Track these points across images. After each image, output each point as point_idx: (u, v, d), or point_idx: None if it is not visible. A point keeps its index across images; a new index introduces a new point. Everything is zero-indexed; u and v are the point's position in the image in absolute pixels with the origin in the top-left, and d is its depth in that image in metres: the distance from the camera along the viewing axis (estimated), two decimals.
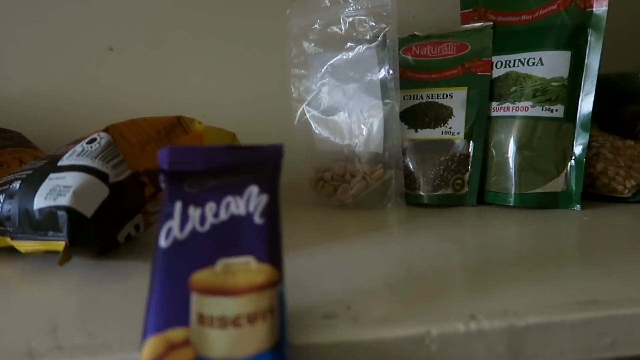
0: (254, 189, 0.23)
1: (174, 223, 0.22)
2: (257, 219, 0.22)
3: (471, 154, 0.51)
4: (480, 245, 0.36)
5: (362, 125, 0.51)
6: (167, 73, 0.62)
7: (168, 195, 0.23)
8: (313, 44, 0.53)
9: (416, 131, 0.52)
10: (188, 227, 0.22)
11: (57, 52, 0.60)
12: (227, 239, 0.22)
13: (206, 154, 0.23)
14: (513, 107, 0.50)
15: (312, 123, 0.54)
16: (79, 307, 0.27)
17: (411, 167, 0.51)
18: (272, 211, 0.23)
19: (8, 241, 0.35)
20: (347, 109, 0.52)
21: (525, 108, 0.49)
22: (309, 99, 0.54)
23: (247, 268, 0.21)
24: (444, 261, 0.32)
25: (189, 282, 0.21)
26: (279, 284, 0.21)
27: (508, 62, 0.51)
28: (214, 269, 0.21)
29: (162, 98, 0.62)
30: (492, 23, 0.52)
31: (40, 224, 0.32)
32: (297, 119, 0.55)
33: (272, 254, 0.22)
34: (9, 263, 0.35)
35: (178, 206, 0.22)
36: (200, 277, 0.21)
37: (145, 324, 0.20)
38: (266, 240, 0.22)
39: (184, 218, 0.22)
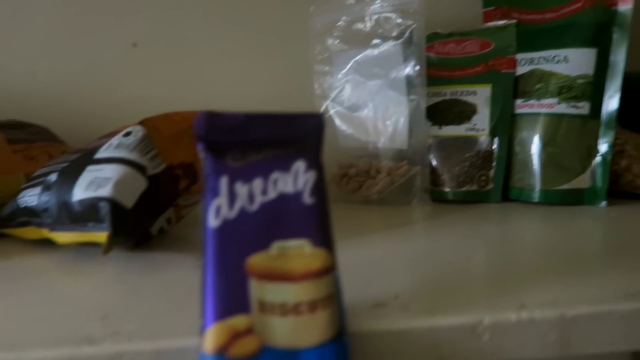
0: (300, 165, 0.21)
1: (222, 201, 0.20)
2: (307, 199, 0.21)
3: (495, 151, 0.51)
4: (513, 240, 0.36)
5: (387, 122, 0.51)
6: (189, 69, 0.62)
7: (212, 168, 0.20)
8: (338, 41, 0.54)
9: (440, 128, 0.53)
10: (237, 206, 0.20)
11: (81, 48, 0.60)
12: (279, 219, 0.20)
13: (246, 120, 0.21)
14: (537, 104, 0.50)
15: (336, 119, 0.54)
16: (124, 296, 0.27)
17: (435, 163, 0.52)
18: (321, 190, 0.21)
19: (45, 232, 0.35)
20: (372, 106, 0.52)
21: (550, 105, 0.49)
22: (332, 95, 0.54)
23: (301, 252, 0.20)
24: (481, 255, 0.32)
25: (246, 266, 0.20)
26: (335, 269, 0.21)
27: (532, 60, 0.51)
28: (269, 253, 0.20)
29: (184, 93, 0.62)
30: (515, 21, 0.52)
31: (80, 215, 0.32)
32: None
33: (326, 237, 0.21)
34: (45, 255, 0.36)
35: (224, 181, 0.20)
36: (257, 261, 0.20)
37: (204, 310, 0.19)
38: (318, 222, 0.21)
39: (232, 195, 0.20)
